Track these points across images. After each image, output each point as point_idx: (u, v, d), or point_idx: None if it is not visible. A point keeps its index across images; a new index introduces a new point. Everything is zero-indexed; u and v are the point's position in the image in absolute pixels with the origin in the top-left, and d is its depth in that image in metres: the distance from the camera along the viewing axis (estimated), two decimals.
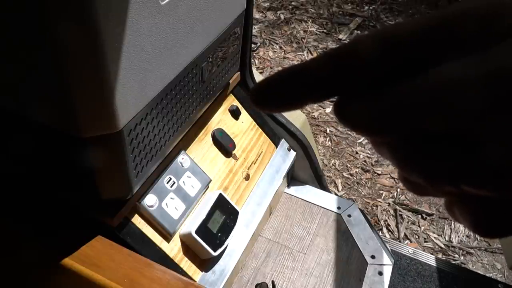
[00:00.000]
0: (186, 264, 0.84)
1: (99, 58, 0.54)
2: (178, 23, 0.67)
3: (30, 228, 0.74)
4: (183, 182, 0.86)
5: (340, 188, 1.74)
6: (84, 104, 0.58)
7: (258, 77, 1.15)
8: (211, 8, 0.76)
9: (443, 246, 1.55)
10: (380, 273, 1.05)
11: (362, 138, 1.95)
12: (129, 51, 0.58)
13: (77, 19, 0.51)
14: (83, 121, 0.60)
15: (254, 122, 1.10)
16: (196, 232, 0.83)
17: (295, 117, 1.20)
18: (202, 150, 0.95)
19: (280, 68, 2.11)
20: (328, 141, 1.94)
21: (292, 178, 1.24)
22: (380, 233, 1.48)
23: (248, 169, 1.04)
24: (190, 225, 0.84)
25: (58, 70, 0.55)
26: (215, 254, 0.86)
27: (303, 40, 2.55)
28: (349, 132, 1.98)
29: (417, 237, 1.58)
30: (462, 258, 1.51)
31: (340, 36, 2.57)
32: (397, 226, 1.61)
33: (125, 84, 0.59)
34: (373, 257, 1.08)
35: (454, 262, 1.47)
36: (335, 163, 1.84)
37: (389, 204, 1.68)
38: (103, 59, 0.54)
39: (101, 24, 0.52)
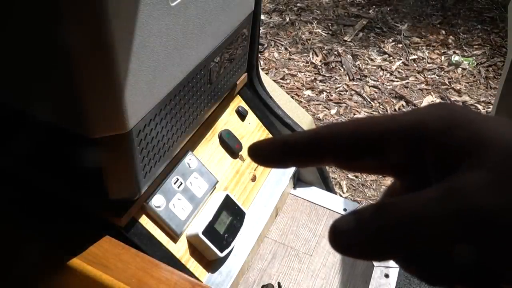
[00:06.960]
0: (193, 265, 0.84)
1: (109, 58, 0.54)
2: (188, 24, 0.68)
3: (37, 227, 0.75)
4: (190, 182, 0.87)
5: (345, 189, 1.74)
6: (94, 104, 0.58)
7: (265, 78, 1.15)
8: (220, 9, 0.76)
9: None
10: (387, 276, 1.05)
11: None
12: (139, 51, 0.58)
13: (88, 19, 0.51)
14: (93, 122, 0.60)
15: (260, 123, 1.10)
16: (203, 233, 0.83)
17: (302, 119, 1.19)
18: (209, 151, 0.95)
19: (285, 69, 2.07)
20: None
21: (298, 180, 1.23)
22: None
23: (255, 170, 1.04)
24: (197, 226, 0.84)
25: (68, 70, 0.55)
26: (222, 255, 0.86)
27: (308, 41, 2.55)
28: None
29: None
30: None
31: (346, 38, 2.57)
32: None
33: (135, 85, 0.60)
34: None
35: None
36: None
37: None
38: (113, 59, 0.55)
39: (111, 25, 0.52)
